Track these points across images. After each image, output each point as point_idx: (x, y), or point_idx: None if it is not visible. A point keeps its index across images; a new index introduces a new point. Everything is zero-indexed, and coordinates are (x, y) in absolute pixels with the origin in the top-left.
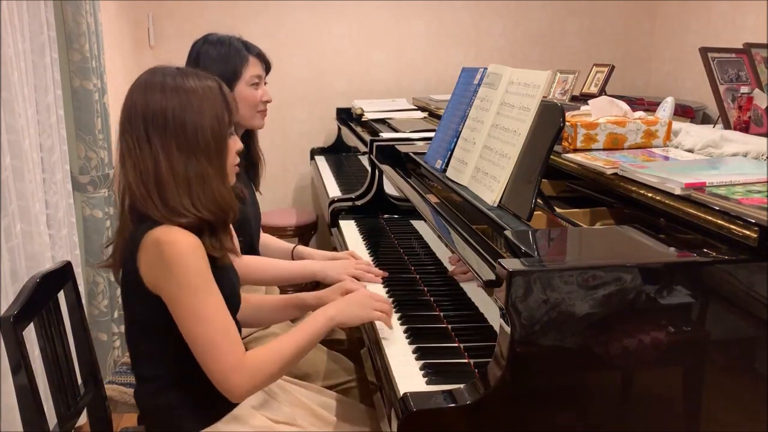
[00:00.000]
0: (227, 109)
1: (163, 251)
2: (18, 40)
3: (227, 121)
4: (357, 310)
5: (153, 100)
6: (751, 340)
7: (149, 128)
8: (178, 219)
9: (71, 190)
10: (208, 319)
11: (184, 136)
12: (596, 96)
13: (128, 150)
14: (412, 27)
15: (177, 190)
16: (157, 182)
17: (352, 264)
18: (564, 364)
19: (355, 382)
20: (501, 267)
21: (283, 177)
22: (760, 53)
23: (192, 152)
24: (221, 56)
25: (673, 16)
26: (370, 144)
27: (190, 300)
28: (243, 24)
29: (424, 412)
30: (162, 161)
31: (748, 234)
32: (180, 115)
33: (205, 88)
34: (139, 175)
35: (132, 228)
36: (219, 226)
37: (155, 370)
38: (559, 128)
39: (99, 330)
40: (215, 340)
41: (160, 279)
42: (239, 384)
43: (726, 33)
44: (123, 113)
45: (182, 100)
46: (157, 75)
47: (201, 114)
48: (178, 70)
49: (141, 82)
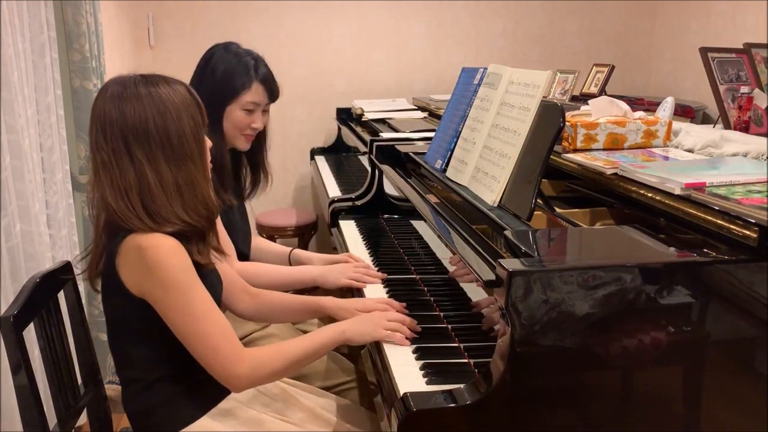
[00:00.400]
0: (199, 110)
1: (144, 256)
2: (18, 40)
3: (202, 123)
4: (366, 328)
5: (129, 111)
6: (751, 340)
7: (129, 141)
8: (165, 228)
9: (71, 190)
10: (200, 315)
11: (169, 144)
12: (596, 96)
13: (103, 165)
14: (412, 27)
15: (167, 199)
16: (141, 195)
17: (351, 267)
18: (564, 364)
19: (355, 383)
20: (501, 267)
21: (283, 177)
22: (760, 53)
23: (179, 159)
24: (227, 71)
25: (673, 16)
26: (370, 144)
27: (179, 300)
28: (243, 24)
29: (424, 412)
30: (148, 173)
31: (748, 234)
32: (161, 123)
33: (176, 93)
34: (117, 191)
35: (105, 240)
36: (207, 228)
37: (140, 372)
38: (559, 128)
39: (99, 330)
40: (211, 336)
41: (145, 283)
42: (241, 374)
43: (726, 33)
44: (94, 127)
45: (160, 109)
46: (126, 85)
47: (180, 120)
48: (143, 78)
49: (110, 93)
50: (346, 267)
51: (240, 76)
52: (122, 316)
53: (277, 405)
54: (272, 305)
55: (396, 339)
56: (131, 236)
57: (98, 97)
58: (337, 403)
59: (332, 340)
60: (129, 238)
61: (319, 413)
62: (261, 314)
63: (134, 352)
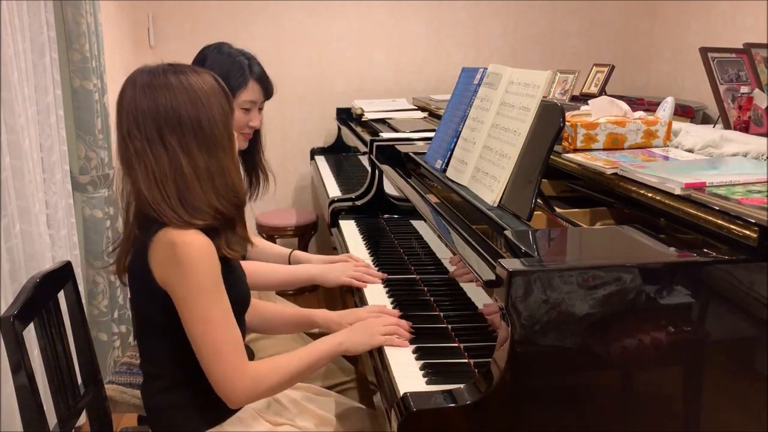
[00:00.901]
0: (227, 98)
1: (176, 252)
2: (18, 40)
3: (230, 110)
4: (363, 338)
5: (161, 99)
6: (751, 340)
7: (163, 129)
8: (196, 220)
9: (71, 190)
10: (214, 322)
11: (201, 132)
12: (596, 96)
13: (137, 154)
14: (412, 27)
15: (201, 187)
16: (177, 183)
17: (351, 266)
18: (564, 364)
19: (354, 383)
20: (501, 267)
21: (283, 177)
22: (760, 53)
23: (210, 147)
24: (222, 73)
25: (673, 16)
26: (370, 144)
27: (198, 302)
28: (243, 24)
29: (424, 412)
30: (182, 161)
31: (748, 234)
32: (193, 111)
33: (205, 81)
34: (152, 179)
35: (138, 232)
36: (237, 217)
37: (163, 369)
38: (559, 128)
39: (99, 330)
40: (218, 344)
41: (171, 278)
42: (238, 390)
43: (726, 33)
44: (125, 117)
45: (191, 96)
46: (155, 74)
47: (210, 107)
48: (171, 67)
49: (139, 84)
50: (346, 265)
51: (235, 76)
52: (150, 310)
53: (276, 407)
54: (265, 317)
55: (394, 343)
56: (165, 230)
57: (126, 88)
58: (337, 403)
59: (330, 352)
60: (162, 232)
61: (319, 413)
62: (253, 326)
63: (160, 348)
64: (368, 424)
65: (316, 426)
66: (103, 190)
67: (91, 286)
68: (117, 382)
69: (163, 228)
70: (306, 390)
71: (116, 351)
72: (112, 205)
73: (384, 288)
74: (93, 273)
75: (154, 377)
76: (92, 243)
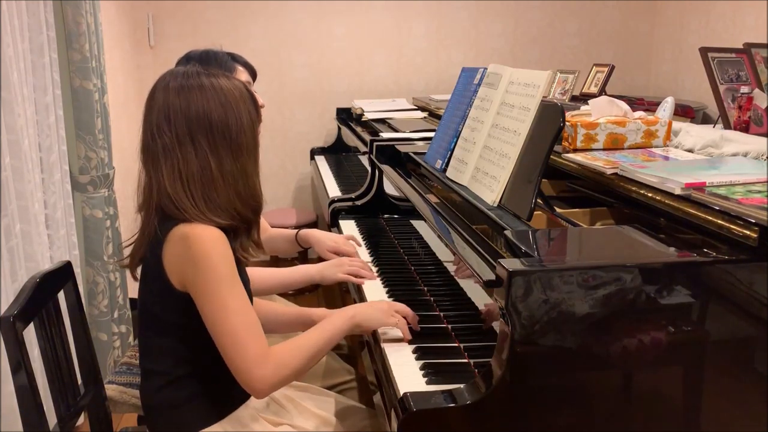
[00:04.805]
0: (255, 106)
1: (190, 246)
2: (18, 40)
3: (257, 118)
4: (378, 314)
5: (194, 100)
6: (751, 340)
7: (193, 129)
8: (216, 218)
9: (70, 189)
10: (235, 310)
11: (229, 135)
12: (596, 96)
13: (164, 150)
14: (412, 27)
15: (226, 188)
16: (203, 182)
17: (346, 261)
18: (564, 364)
19: (354, 382)
20: (501, 267)
21: (283, 177)
22: (760, 53)
23: (237, 151)
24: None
25: (673, 16)
26: (370, 144)
27: (218, 290)
28: (243, 24)
29: (424, 412)
30: (211, 161)
31: (748, 234)
32: (222, 115)
33: (236, 86)
34: (178, 176)
35: (155, 226)
36: (253, 221)
37: (163, 366)
38: (559, 128)
39: (99, 330)
40: (240, 332)
41: (188, 273)
42: (264, 377)
43: (726, 33)
44: (156, 112)
45: (222, 100)
46: (188, 75)
47: (239, 113)
48: (204, 70)
49: (172, 85)
50: (341, 262)
51: (221, 66)
52: (159, 306)
53: (275, 407)
54: (266, 316)
55: (403, 329)
56: (177, 227)
57: (157, 89)
58: (337, 403)
59: (343, 326)
60: (176, 229)
61: (318, 413)
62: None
63: (164, 345)
64: (368, 424)
65: (315, 426)
66: (103, 190)
67: (91, 286)
68: (117, 382)
69: (177, 224)
70: (305, 390)
71: (116, 351)
72: (112, 205)
73: (384, 288)
74: (93, 273)
75: (154, 374)
76: (92, 243)
